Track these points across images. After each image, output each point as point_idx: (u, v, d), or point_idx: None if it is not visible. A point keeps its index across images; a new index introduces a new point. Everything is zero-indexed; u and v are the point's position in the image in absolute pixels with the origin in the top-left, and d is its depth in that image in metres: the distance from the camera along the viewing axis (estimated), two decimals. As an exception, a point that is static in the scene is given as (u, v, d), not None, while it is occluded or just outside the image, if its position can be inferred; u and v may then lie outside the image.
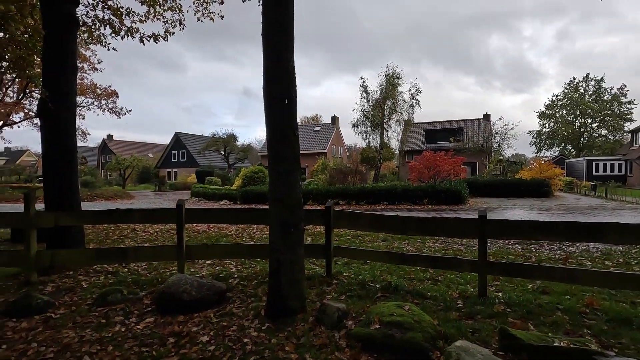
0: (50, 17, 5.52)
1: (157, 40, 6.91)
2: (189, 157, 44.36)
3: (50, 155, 5.48)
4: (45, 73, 5.57)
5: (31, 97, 21.91)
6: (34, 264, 4.68)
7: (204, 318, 3.60)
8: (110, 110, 26.13)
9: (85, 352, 2.99)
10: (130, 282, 4.72)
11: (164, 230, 9.14)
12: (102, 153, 53.61)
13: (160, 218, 5.14)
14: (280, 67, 3.58)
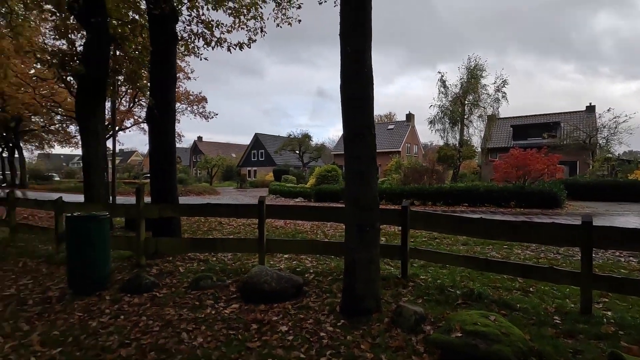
0: (157, 35, 6.33)
1: (242, 47, 7.48)
2: (267, 156, 47.05)
3: (156, 155, 6.31)
4: (152, 84, 6.41)
5: (139, 106, 25.45)
6: (143, 249, 5.44)
7: (283, 309, 3.80)
8: (200, 115, 28.99)
9: (183, 329, 3.38)
10: (218, 270, 5.19)
11: (245, 225, 9.85)
12: (193, 153, 59.79)
13: (244, 213, 5.55)
14: (358, 67, 3.59)
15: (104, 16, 7.29)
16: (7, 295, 4.32)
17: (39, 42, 16.31)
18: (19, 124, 27.87)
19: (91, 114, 7.38)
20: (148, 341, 3.15)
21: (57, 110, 25.77)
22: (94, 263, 4.38)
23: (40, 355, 2.93)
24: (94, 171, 7.35)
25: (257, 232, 8.27)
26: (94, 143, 7.33)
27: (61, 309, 3.90)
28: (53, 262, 5.74)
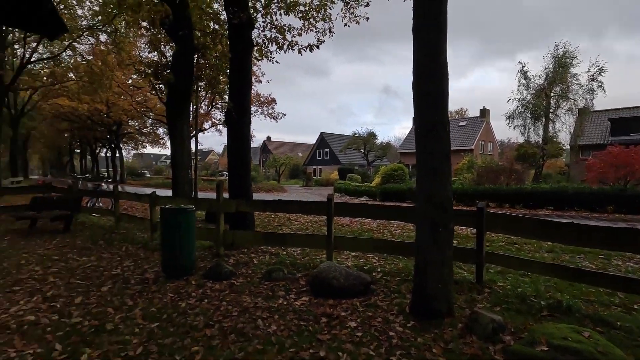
0: (235, 42, 6.83)
1: (312, 49, 7.71)
2: (332, 155, 47.64)
3: (233, 155, 6.82)
4: (230, 88, 6.94)
5: (216, 109, 27.61)
6: (222, 240, 5.93)
7: (351, 305, 3.85)
8: (269, 116, 30.46)
9: (258, 316, 3.62)
10: (288, 263, 5.43)
11: (313, 222, 10.13)
12: (262, 152, 63.02)
13: (313, 209, 5.73)
14: (432, 62, 3.47)
15: (190, 29, 8.06)
16: (115, 274, 5.04)
17: (136, 56, 18.63)
18: (119, 128, 32.12)
19: (178, 117, 8.23)
20: (228, 324, 3.44)
21: (149, 115, 29.17)
22: (182, 251, 4.89)
23: (142, 327, 3.38)
24: (181, 168, 8.19)
25: (324, 229, 8.45)
26: (180, 143, 8.17)
27: (156, 289, 4.43)
28: (149, 248, 6.55)
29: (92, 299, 4.10)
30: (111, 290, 4.38)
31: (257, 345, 3.04)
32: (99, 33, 16.94)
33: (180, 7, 7.39)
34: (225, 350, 2.96)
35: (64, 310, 3.78)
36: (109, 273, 5.08)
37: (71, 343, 3.07)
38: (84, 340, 3.12)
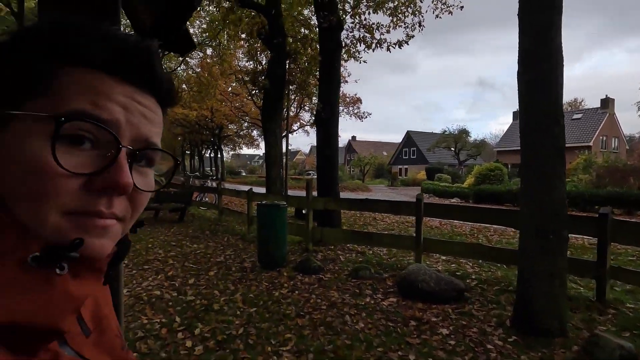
0: (324, 45, 7.06)
1: (401, 46, 7.53)
2: (419, 154, 45.73)
3: (322, 154, 7.07)
4: (320, 90, 7.20)
5: (303, 111, 28.87)
6: (311, 236, 6.19)
7: (442, 311, 3.66)
8: (355, 115, 30.66)
9: (346, 312, 3.69)
10: (375, 263, 5.41)
11: (399, 222, 9.89)
12: (347, 152, 63.74)
13: (401, 209, 5.60)
14: (542, 46, 3.09)
15: (283, 36, 8.59)
16: (219, 261, 5.67)
17: (236, 65, 20.60)
18: (221, 131, 35.91)
19: (272, 119, 8.85)
20: (318, 316, 3.58)
21: (245, 119, 31.96)
22: (276, 243, 5.26)
23: (242, 310, 3.74)
24: (273, 167, 8.80)
25: (411, 230, 8.19)
26: (273, 143, 8.78)
27: (253, 277, 4.85)
28: (246, 239, 7.19)
29: (202, 281, 4.68)
30: (216, 275, 4.94)
31: (346, 340, 3.10)
32: (205, 47, 19.20)
33: (275, 17, 7.93)
34: (315, 341, 3.09)
35: (181, 288, 4.40)
36: (214, 260, 5.73)
37: (187, 317, 3.56)
38: (196, 316, 3.59)
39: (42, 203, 0.31)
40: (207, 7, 11.35)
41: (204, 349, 2.98)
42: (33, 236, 0.31)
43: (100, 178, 0.33)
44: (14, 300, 0.29)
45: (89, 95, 0.33)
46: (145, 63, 0.36)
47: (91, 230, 0.33)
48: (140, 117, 0.36)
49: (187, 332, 3.27)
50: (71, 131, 0.32)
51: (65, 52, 0.33)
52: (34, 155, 0.31)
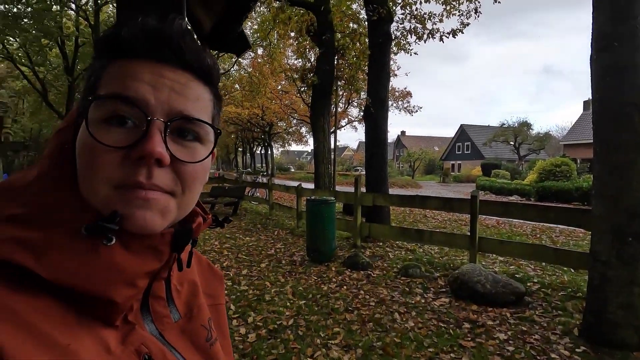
0: (373, 38, 6.94)
1: (455, 35, 7.16)
2: (474, 149, 43.28)
3: (370, 149, 6.99)
4: (368, 84, 7.10)
5: (351, 106, 28.70)
6: (359, 232, 6.17)
7: (499, 315, 3.46)
8: (405, 110, 29.86)
9: (395, 309, 3.64)
10: (425, 261, 5.24)
11: (452, 220, 9.48)
12: (396, 147, 62.28)
13: (454, 206, 5.35)
14: (622, 27, 2.76)
15: (332, 32, 8.60)
16: (270, 254, 5.87)
17: (285, 64, 21.04)
18: (271, 128, 36.97)
19: (320, 115, 8.92)
20: (366, 313, 3.57)
21: (294, 116, 32.56)
22: (324, 238, 5.32)
23: (292, 302, 3.85)
24: (322, 162, 8.88)
25: (464, 228, 7.83)
26: (322, 139, 8.85)
27: (302, 271, 4.96)
28: (295, 233, 7.36)
29: (254, 273, 4.89)
30: (268, 267, 5.12)
31: (395, 338, 3.06)
32: (256, 47, 19.86)
33: (323, 14, 7.95)
34: (364, 337, 3.09)
35: (235, 278, 4.63)
36: (265, 252, 5.95)
37: (241, 306, 3.75)
38: (249, 305, 3.76)
39: (92, 177, 0.36)
40: (258, 8, 11.72)
41: (257, 336, 3.11)
42: (90, 209, 0.36)
43: (134, 149, 0.35)
44: (64, 261, 0.33)
45: (119, 80, 0.37)
46: (168, 40, 0.38)
47: (134, 201, 0.35)
48: (170, 92, 0.38)
49: (241, 320, 3.44)
50: (109, 113, 0.36)
51: (111, 49, 0.38)
52: (83, 136, 0.36)
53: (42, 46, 15.16)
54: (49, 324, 0.32)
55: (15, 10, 12.95)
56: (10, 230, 0.34)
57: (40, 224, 0.34)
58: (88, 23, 15.47)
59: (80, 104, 0.40)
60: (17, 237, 0.33)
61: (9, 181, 0.39)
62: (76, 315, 0.34)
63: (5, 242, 0.33)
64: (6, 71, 23.41)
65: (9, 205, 0.36)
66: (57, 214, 0.35)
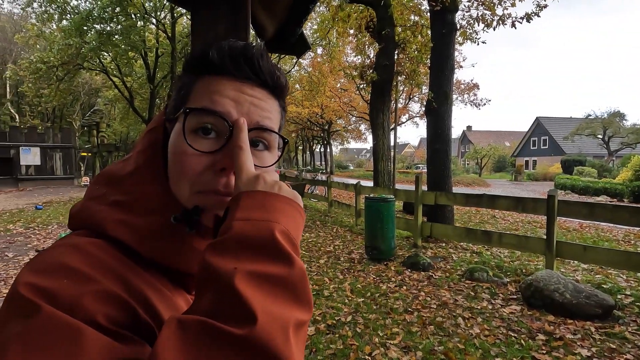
0: (436, 30, 6.63)
1: (529, 19, 6.51)
2: (552, 144, 39.09)
3: (432, 145, 6.70)
4: (431, 78, 6.81)
5: (412, 102, 27.75)
6: (420, 231, 5.97)
7: (582, 329, 3.10)
8: (471, 103, 28.06)
9: (459, 314, 3.46)
10: (494, 265, 4.90)
11: (524, 222, 8.71)
12: (461, 143, 58.77)
13: (528, 207, 4.90)
14: None
15: (392, 26, 8.39)
16: (329, 250, 5.96)
17: (344, 61, 21.06)
18: (330, 126, 37.32)
19: (380, 112, 8.78)
20: (427, 315, 3.45)
21: (352, 113, 32.47)
22: (383, 237, 5.25)
23: (350, 299, 3.87)
24: (381, 160, 8.74)
25: (539, 231, 7.16)
26: (381, 136, 8.71)
27: (361, 269, 4.95)
28: (353, 231, 7.37)
29: (313, 268, 5.00)
30: (326, 263, 5.20)
31: (458, 343, 2.92)
32: (316, 47, 20.16)
33: (383, 8, 7.80)
34: (424, 339, 2.99)
35: (295, 273, 4.78)
36: (324, 249, 6.05)
37: (300, 299, 3.87)
38: (309, 300, 3.86)
39: (180, 177, 0.43)
40: (317, 8, 11.88)
41: (315, 330, 3.19)
42: (177, 203, 0.44)
43: (219, 158, 0.42)
44: (158, 243, 0.42)
45: (208, 95, 0.43)
46: (249, 62, 0.44)
47: (211, 203, 0.43)
48: (250, 106, 0.44)
49: (300, 313, 3.55)
50: (199, 124, 0.42)
51: (200, 66, 0.45)
52: (176, 141, 0.44)
53: (129, 58, 17.13)
54: (150, 289, 0.40)
55: (109, 28, 14.78)
56: (117, 214, 0.42)
57: (140, 211, 0.42)
58: (166, 35, 17.09)
59: (170, 111, 0.47)
60: (124, 220, 0.41)
61: (111, 170, 0.47)
62: (169, 282, 0.43)
63: (115, 223, 0.41)
64: (101, 82, 26.87)
65: (113, 192, 0.44)
66: (153, 203, 0.43)
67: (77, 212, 0.44)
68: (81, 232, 0.42)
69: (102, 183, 0.46)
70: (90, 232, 0.41)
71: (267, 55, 0.46)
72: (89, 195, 0.45)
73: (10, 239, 7.45)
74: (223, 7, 1.01)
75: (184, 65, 0.48)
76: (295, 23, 1.35)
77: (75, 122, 29.79)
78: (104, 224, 0.41)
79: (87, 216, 0.43)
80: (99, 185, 0.46)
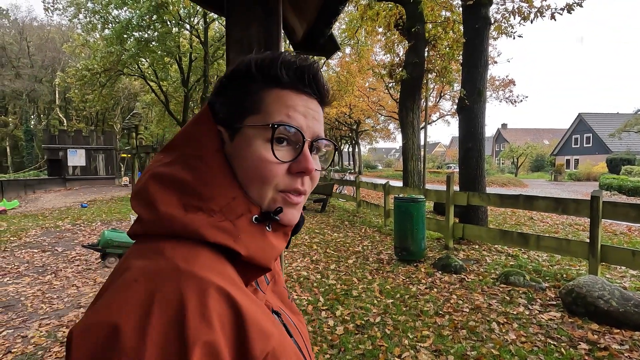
0: (469, 25, 6.42)
1: (571, 10, 6.15)
2: (596, 141, 36.66)
3: (465, 144, 6.49)
4: (463, 75, 6.60)
5: (443, 100, 27.01)
6: (451, 233, 5.81)
7: (629, 339, 2.90)
8: (506, 100, 26.91)
9: (493, 319, 3.34)
10: (531, 269, 4.68)
11: (565, 224, 8.24)
12: (496, 142, 56.45)
13: (568, 208, 4.64)
14: None
15: (422, 22, 8.22)
16: (357, 250, 5.93)
17: (372, 60, 20.85)
18: (358, 126, 37.09)
19: (410, 110, 8.63)
20: (459, 319, 3.35)
21: (381, 112, 32.10)
22: (413, 238, 5.16)
23: (379, 300, 3.83)
24: (411, 159, 8.58)
25: (582, 234, 6.77)
26: (411, 135, 8.55)
27: (390, 269, 4.89)
28: (382, 232, 7.29)
29: (341, 268, 5.00)
30: (355, 264, 5.19)
31: (492, 349, 2.81)
32: (344, 47, 20.10)
33: (413, 5, 7.65)
34: (456, 344, 2.91)
35: (324, 272, 4.81)
36: (352, 249, 6.03)
37: (329, 299, 3.88)
38: (337, 299, 3.87)
39: (265, 183, 0.47)
40: (346, 8, 11.85)
41: (344, 330, 3.19)
42: (254, 205, 0.47)
43: (295, 164, 0.48)
44: (249, 243, 0.45)
45: (284, 109, 0.48)
46: (313, 78, 0.50)
47: (290, 202, 0.49)
48: (314, 121, 0.50)
49: (329, 312, 3.57)
50: (277, 135, 0.47)
51: (266, 78, 0.49)
52: (259, 152, 0.47)
53: (165, 63, 17.90)
54: (242, 285, 0.44)
55: (146, 35, 15.52)
56: (205, 219, 0.43)
57: (226, 215, 0.45)
58: (199, 40, 17.69)
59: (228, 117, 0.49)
60: (213, 224, 0.43)
61: (180, 177, 0.46)
62: (240, 277, 0.45)
63: (208, 228, 0.43)
64: (139, 87, 28.25)
65: (192, 199, 0.45)
66: (235, 207, 0.46)
67: (156, 218, 0.43)
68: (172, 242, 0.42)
69: (172, 188, 0.45)
70: (180, 239, 0.42)
71: (321, 71, 0.52)
72: (163, 201, 0.44)
73: (60, 234, 8.01)
74: (255, 11, 1.04)
75: (243, 72, 0.50)
76: (325, 24, 1.36)
77: (115, 125, 31.56)
78: (202, 231, 0.42)
79: (177, 225, 0.42)
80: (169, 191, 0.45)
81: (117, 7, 14.99)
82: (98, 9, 14.96)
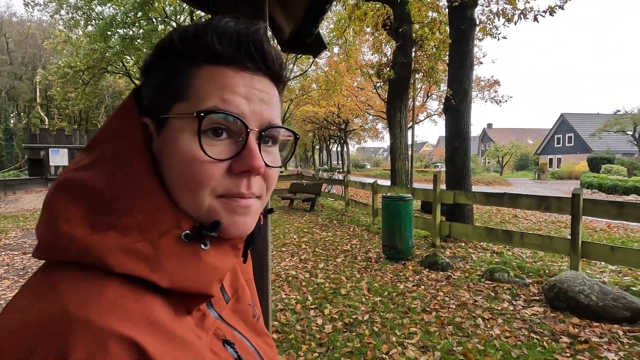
0: (455, 26, 6.51)
1: (553, 13, 6.30)
2: (578, 141, 37.69)
3: (451, 143, 6.59)
4: (449, 75, 6.69)
5: (430, 99, 27.32)
6: (438, 231, 5.89)
7: (608, 332, 2.99)
8: (491, 100, 27.39)
9: (478, 315, 3.40)
10: (515, 265, 4.78)
11: (548, 222, 8.45)
12: (482, 141, 57.43)
13: (551, 206, 4.76)
14: None
15: (409, 23, 8.30)
16: (345, 249, 5.96)
17: (360, 60, 20.95)
18: (346, 125, 37.20)
19: (397, 110, 8.71)
20: (445, 315, 3.41)
21: (369, 112, 32.27)
22: (401, 236, 5.21)
23: (367, 298, 3.86)
24: (399, 159, 8.67)
25: (564, 231, 6.95)
26: (398, 134, 8.63)
27: (378, 268, 4.93)
28: (370, 230, 7.34)
29: (330, 267, 5.02)
30: (343, 262, 5.21)
31: (477, 344, 2.87)
32: (332, 46, 20.14)
33: (400, 5, 7.72)
34: (442, 339, 2.96)
35: (312, 271, 4.82)
36: (341, 248, 6.05)
37: (318, 298, 3.89)
38: (326, 297, 3.88)
39: (198, 188, 0.37)
40: (334, 7, 11.88)
41: (333, 328, 3.21)
42: (185, 217, 0.37)
43: (238, 162, 0.37)
44: (175, 269, 0.35)
45: (218, 91, 0.37)
46: (257, 47, 0.38)
47: (237, 209, 0.38)
48: (261, 103, 0.39)
49: (318, 311, 3.58)
50: (210, 125, 0.37)
51: (195, 52, 0.38)
52: (187, 149, 0.36)
53: (150, 62, 17.57)
54: (169, 321, 0.34)
55: (131, 33, 15.24)
56: (116, 240, 0.33)
57: (145, 233, 0.35)
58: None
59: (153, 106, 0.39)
60: (125, 247, 0.33)
61: (92, 185, 0.36)
62: (174, 308, 0.36)
63: (116, 253, 0.33)
64: (124, 85, 27.71)
65: (102, 213, 0.34)
66: (158, 222, 0.36)
67: (54, 239, 0.34)
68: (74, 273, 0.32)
69: (81, 200, 0.35)
70: (86, 268, 0.32)
71: (270, 41, 0.41)
72: (66, 218, 0.34)
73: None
74: (242, 8, 1.03)
75: (167, 47, 0.39)
76: (312, 23, 1.37)
77: (100, 124, 30.81)
78: (107, 258, 0.32)
79: (78, 249, 0.33)
80: (76, 204, 0.35)
81: (100, 4, 14.67)
82: (81, 5, 14.61)
